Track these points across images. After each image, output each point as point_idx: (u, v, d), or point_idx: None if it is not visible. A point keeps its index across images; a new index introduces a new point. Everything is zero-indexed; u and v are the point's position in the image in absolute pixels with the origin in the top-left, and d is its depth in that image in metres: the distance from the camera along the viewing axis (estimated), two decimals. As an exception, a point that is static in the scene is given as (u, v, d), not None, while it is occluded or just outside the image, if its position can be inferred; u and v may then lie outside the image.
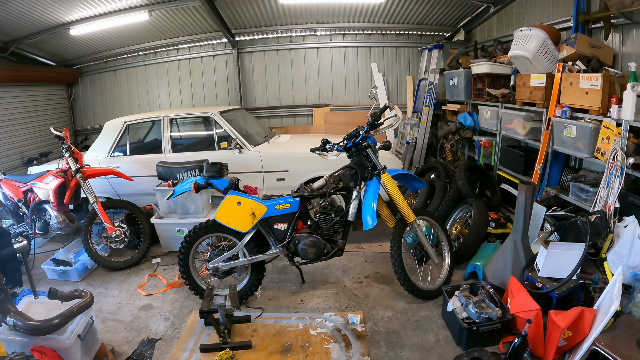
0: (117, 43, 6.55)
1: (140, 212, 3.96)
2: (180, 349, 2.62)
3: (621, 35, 3.42)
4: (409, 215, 3.02)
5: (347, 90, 6.84)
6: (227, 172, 3.28)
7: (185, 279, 3.14)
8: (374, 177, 2.99)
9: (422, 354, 2.52)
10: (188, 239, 3.06)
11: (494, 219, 3.79)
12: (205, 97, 7.00)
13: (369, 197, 2.91)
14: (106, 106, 7.27)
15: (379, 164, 2.99)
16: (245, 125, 4.90)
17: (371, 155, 2.97)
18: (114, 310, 3.15)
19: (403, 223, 3.08)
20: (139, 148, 4.89)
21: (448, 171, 4.62)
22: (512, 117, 4.03)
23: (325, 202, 3.02)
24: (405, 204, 3.02)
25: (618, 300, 2.04)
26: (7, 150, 5.70)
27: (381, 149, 3.06)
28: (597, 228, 2.58)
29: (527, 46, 3.59)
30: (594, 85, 2.96)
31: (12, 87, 5.87)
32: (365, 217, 2.86)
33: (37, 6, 4.85)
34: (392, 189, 2.98)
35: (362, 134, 2.96)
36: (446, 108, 5.65)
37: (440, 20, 6.27)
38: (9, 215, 4.11)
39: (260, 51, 6.72)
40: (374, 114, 3.00)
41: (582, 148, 3.11)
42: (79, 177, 3.66)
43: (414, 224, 3.06)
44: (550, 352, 2.24)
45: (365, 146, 2.96)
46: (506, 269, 2.94)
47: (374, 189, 2.94)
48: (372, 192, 2.92)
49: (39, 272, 3.71)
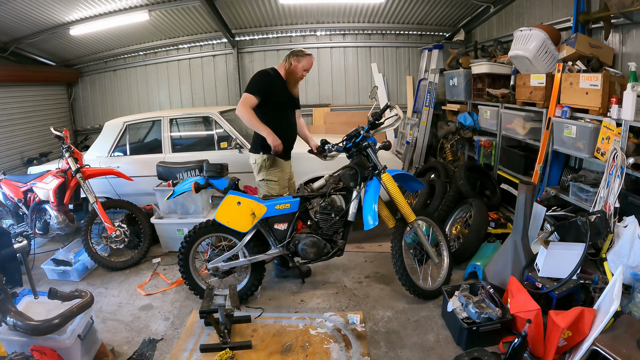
0: (117, 43, 6.55)
1: (140, 212, 3.96)
2: (180, 349, 2.62)
3: (621, 35, 3.42)
4: (410, 215, 3.01)
5: (347, 91, 6.84)
6: (227, 172, 3.28)
7: (185, 279, 3.14)
8: (374, 177, 2.98)
9: (422, 354, 2.52)
10: (188, 239, 3.07)
11: (494, 219, 3.79)
12: (205, 97, 7.00)
13: (370, 197, 2.90)
14: (106, 106, 7.27)
15: (380, 164, 2.98)
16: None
17: (371, 155, 2.96)
18: (114, 310, 3.15)
19: (403, 223, 3.07)
20: (139, 148, 4.89)
21: (448, 171, 4.61)
22: (512, 117, 4.02)
23: (325, 202, 3.01)
24: (406, 203, 3.02)
25: (618, 300, 2.04)
26: (7, 150, 5.71)
27: (381, 149, 3.06)
28: (597, 228, 2.57)
29: (527, 46, 3.59)
30: (594, 85, 2.96)
31: (12, 87, 5.87)
32: (366, 217, 2.85)
33: (37, 6, 4.85)
34: (392, 189, 2.98)
35: (362, 134, 2.96)
36: (446, 108, 5.65)
37: (440, 20, 6.26)
38: (9, 215, 4.11)
39: (261, 51, 6.71)
40: (374, 113, 2.99)
41: (582, 148, 3.11)
42: (79, 177, 3.66)
43: (414, 224, 3.06)
44: (550, 352, 2.24)
45: (365, 146, 2.95)
46: (506, 269, 2.94)
47: (375, 189, 2.93)
48: (373, 192, 2.92)
49: (39, 272, 3.71)
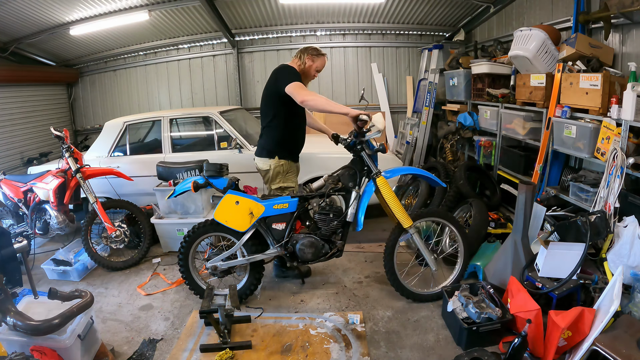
0: (117, 43, 6.56)
1: (140, 212, 3.96)
2: (180, 349, 2.62)
3: (621, 35, 3.42)
4: (405, 220, 2.94)
5: (347, 91, 6.84)
6: (227, 172, 3.29)
7: (185, 278, 3.14)
8: (370, 181, 2.95)
9: (422, 354, 2.52)
10: (187, 238, 3.07)
11: (494, 219, 3.79)
12: (205, 97, 7.00)
13: (366, 199, 2.90)
14: (106, 106, 7.28)
15: (374, 168, 2.93)
16: (246, 125, 4.90)
17: (365, 158, 2.91)
18: (114, 310, 3.15)
19: (399, 228, 3.02)
20: (139, 148, 4.89)
21: (448, 171, 4.61)
22: (512, 117, 4.02)
23: (324, 203, 2.99)
24: (401, 209, 2.95)
25: (618, 300, 2.04)
26: (7, 150, 5.71)
27: (377, 152, 2.97)
28: (597, 228, 2.57)
29: (527, 46, 3.59)
30: (594, 85, 2.96)
31: (12, 87, 5.87)
32: (360, 218, 2.87)
33: (37, 6, 4.85)
34: (387, 194, 2.93)
35: (353, 140, 2.90)
36: (446, 108, 5.65)
37: (440, 20, 6.26)
38: (9, 215, 4.11)
39: (260, 51, 6.72)
40: (354, 132, 2.89)
41: (582, 148, 3.11)
42: (79, 177, 3.66)
43: (410, 230, 2.97)
44: (550, 352, 2.24)
45: (359, 149, 2.91)
46: (506, 269, 2.94)
47: (369, 192, 2.93)
48: (367, 195, 2.93)
49: (39, 272, 3.71)
